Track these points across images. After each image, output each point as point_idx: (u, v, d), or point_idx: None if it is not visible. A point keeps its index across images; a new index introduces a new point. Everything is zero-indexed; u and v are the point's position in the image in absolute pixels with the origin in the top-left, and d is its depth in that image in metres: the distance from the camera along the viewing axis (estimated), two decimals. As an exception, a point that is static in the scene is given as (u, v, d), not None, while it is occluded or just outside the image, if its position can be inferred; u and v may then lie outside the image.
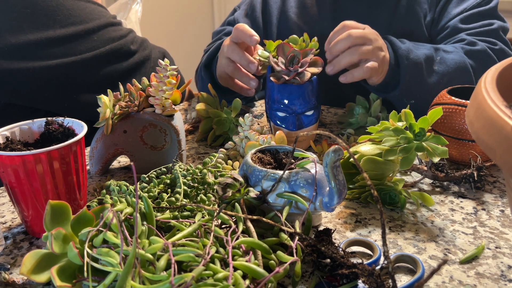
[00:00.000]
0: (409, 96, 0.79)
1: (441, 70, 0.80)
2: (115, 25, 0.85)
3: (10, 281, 0.44)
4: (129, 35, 0.87)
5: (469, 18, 0.93)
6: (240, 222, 0.46)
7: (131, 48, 0.85)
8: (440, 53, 0.82)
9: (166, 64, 0.63)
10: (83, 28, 0.78)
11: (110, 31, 0.83)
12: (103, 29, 0.81)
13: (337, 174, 0.45)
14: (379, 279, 0.39)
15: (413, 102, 0.79)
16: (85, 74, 0.80)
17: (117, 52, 0.83)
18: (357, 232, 0.53)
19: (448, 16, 0.95)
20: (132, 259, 0.37)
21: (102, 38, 0.81)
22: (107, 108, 0.64)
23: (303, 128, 0.75)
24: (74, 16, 0.78)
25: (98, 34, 0.80)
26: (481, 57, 0.84)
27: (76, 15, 0.78)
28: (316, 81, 0.74)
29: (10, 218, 0.58)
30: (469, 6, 0.94)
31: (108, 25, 0.83)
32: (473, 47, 0.85)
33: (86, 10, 0.80)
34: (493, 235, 0.52)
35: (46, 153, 0.49)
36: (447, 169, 0.63)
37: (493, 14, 0.94)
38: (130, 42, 0.86)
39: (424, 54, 0.79)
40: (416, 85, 0.78)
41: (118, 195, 0.53)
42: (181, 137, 0.67)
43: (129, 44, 0.85)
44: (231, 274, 0.38)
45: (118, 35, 0.84)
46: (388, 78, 0.78)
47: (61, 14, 0.77)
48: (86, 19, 0.79)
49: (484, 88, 0.32)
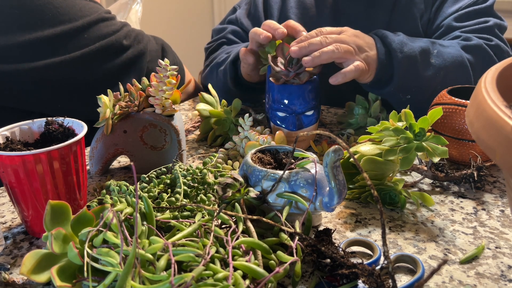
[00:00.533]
0: (404, 91, 0.78)
1: (437, 64, 0.79)
2: (107, 20, 0.82)
3: (10, 281, 0.44)
4: (123, 29, 0.84)
5: (464, 16, 0.93)
6: (240, 222, 0.46)
7: (123, 43, 0.83)
8: (437, 46, 0.81)
9: (166, 64, 0.63)
10: (71, 27, 0.77)
11: (101, 27, 0.81)
12: (94, 25, 0.80)
13: (337, 174, 0.45)
14: (379, 279, 0.39)
15: (409, 98, 0.78)
16: (76, 74, 0.78)
17: (108, 49, 0.81)
18: (357, 232, 0.53)
19: (443, 15, 0.95)
20: (132, 259, 0.37)
21: (92, 35, 0.79)
22: (107, 108, 0.64)
23: (303, 128, 0.75)
24: (63, 14, 0.76)
25: (88, 31, 0.78)
26: (478, 52, 0.84)
27: (64, 13, 0.77)
28: (316, 81, 0.74)
29: (10, 218, 0.58)
30: (464, 4, 0.94)
31: (99, 21, 0.81)
32: (468, 42, 0.85)
33: (76, 7, 0.78)
34: (493, 235, 0.52)
35: (46, 153, 0.49)
36: (447, 169, 0.63)
37: (489, 12, 0.94)
38: (123, 37, 0.83)
39: (420, 47, 0.78)
40: (411, 79, 0.77)
41: (118, 195, 0.53)
42: (181, 137, 0.67)
43: (122, 39, 0.83)
44: (231, 274, 0.38)
45: (110, 31, 0.81)
46: (379, 74, 0.77)
47: (49, 13, 0.75)
48: (75, 16, 0.78)
49: (484, 88, 0.32)
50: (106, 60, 0.81)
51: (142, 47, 0.87)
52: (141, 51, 0.86)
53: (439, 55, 0.80)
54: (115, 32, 0.82)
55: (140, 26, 1.21)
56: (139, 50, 0.86)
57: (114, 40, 0.81)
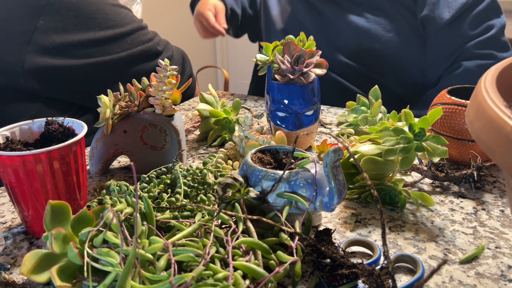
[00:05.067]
0: None
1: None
2: (144, 28, 0.95)
3: (10, 281, 0.44)
4: (156, 37, 0.97)
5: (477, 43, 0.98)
6: (240, 222, 0.46)
7: (158, 49, 0.95)
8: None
9: (166, 64, 0.63)
10: (118, 31, 0.88)
11: (140, 34, 0.92)
12: (135, 32, 0.91)
13: (337, 174, 0.45)
14: (379, 279, 0.39)
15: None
16: (120, 73, 0.89)
17: (147, 52, 0.93)
18: (357, 232, 0.53)
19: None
20: (132, 259, 0.37)
21: (134, 41, 0.91)
22: (107, 108, 0.64)
23: (303, 128, 0.75)
24: (111, 20, 0.87)
25: (131, 37, 0.90)
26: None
27: (113, 19, 0.88)
28: (316, 81, 0.74)
29: (10, 218, 0.58)
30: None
31: (139, 28, 0.92)
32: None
33: (121, 15, 0.90)
34: (493, 235, 0.52)
35: (46, 153, 0.49)
36: (447, 169, 0.63)
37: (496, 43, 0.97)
38: (157, 43, 0.96)
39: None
40: None
41: (118, 195, 0.53)
42: (181, 137, 0.67)
43: (157, 45, 0.95)
44: (231, 274, 0.38)
45: (147, 38, 0.94)
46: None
47: (100, 18, 0.86)
48: (121, 23, 0.89)
49: (484, 88, 0.32)
50: (145, 62, 0.93)
51: (170, 54, 0.99)
52: (170, 56, 0.99)
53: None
54: (151, 39, 0.95)
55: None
56: (168, 56, 0.98)
57: (151, 45, 0.94)
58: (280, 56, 0.73)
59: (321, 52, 0.73)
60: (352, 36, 1.05)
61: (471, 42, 0.97)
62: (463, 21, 0.97)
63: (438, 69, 1.03)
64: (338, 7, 1.07)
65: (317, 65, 0.73)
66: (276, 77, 0.73)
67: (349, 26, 1.05)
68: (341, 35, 1.06)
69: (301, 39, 0.77)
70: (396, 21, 1.02)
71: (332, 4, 1.08)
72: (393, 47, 1.03)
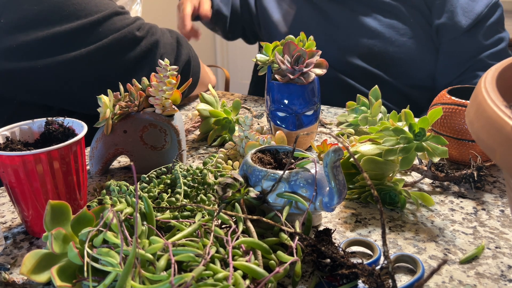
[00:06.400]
0: None
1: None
2: (121, 14, 0.83)
3: (10, 281, 0.44)
4: (136, 22, 0.85)
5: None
6: (240, 222, 0.46)
7: (136, 34, 0.82)
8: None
9: (166, 64, 0.63)
10: (87, 21, 0.78)
11: (115, 20, 0.81)
12: (108, 19, 0.80)
13: (337, 174, 0.45)
14: (379, 279, 0.39)
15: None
16: (93, 68, 0.79)
17: (122, 41, 0.81)
18: (357, 232, 0.53)
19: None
20: (132, 259, 0.37)
21: (106, 29, 0.79)
22: (107, 108, 0.64)
23: (303, 128, 0.74)
24: (80, 10, 0.78)
25: (102, 25, 0.79)
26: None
27: (81, 9, 0.78)
28: (316, 81, 0.74)
29: (10, 218, 0.58)
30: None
31: (113, 14, 0.81)
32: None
33: (92, 3, 0.80)
34: (493, 235, 0.52)
35: (46, 153, 0.49)
36: (447, 169, 0.63)
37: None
38: (136, 28, 0.83)
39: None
40: None
41: (118, 195, 0.53)
42: (181, 137, 0.67)
43: (134, 30, 0.83)
44: (231, 274, 0.38)
45: (124, 24, 0.82)
46: None
47: (67, 9, 0.77)
48: (91, 12, 0.79)
49: (484, 88, 0.32)
50: (121, 53, 0.81)
51: (155, 38, 0.86)
52: (154, 42, 0.85)
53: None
54: (128, 25, 0.82)
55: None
56: (152, 41, 0.85)
57: (127, 32, 0.81)
58: (280, 56, 0.73)
59: (321, 52, 0.73)
60: (364, 38, 1.05)
61: (485, 53, 0.99)
62: (479, 31, 0.99)
63: (448, 76, 1.04)
64: (348, 9, 1.07)
65: (317, 65, 0.73)
66: (276, 77, 0.73)
67: (361, 28, 1.05)
68: (352, 37, 1.06)
69: (301, 39, 0.77)
70: (411, 26, 1.03)
71: (341, 6, 1.08)
72: (406, 51, 1.03)
